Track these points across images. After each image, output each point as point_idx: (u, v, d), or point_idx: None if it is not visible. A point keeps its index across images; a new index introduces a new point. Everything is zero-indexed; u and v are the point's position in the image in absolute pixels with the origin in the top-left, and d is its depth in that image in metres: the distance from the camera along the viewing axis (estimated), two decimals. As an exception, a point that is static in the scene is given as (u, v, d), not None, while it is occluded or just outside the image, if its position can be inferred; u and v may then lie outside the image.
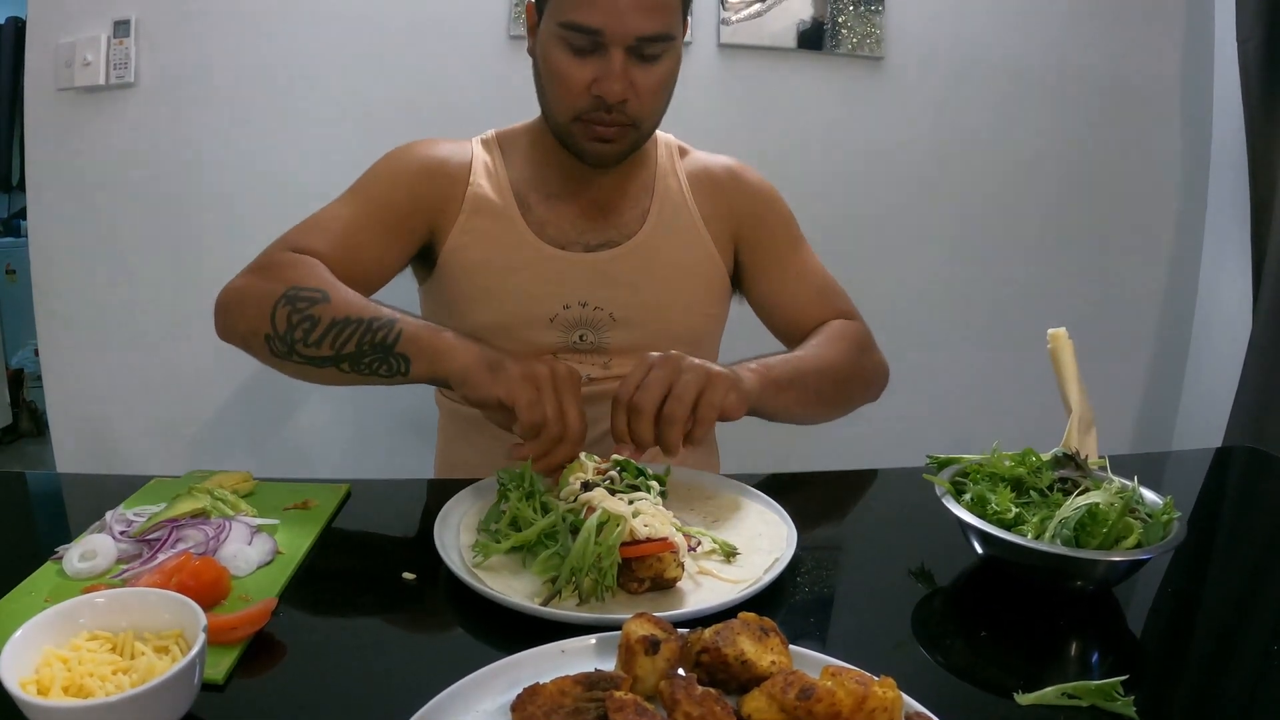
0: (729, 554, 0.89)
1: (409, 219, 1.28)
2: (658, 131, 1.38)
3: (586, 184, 1.31)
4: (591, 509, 0.83)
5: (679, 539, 0.82)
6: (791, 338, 1.38)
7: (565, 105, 1.19)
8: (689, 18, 1.25)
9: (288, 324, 1.09)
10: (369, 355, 1.06)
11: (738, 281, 1.41)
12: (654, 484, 0.92)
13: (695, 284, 1.35)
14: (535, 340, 1.28)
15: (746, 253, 1.38)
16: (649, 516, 0.83)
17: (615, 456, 0.96)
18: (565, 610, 0.78)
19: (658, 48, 1.15)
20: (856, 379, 1.31)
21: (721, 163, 1.41)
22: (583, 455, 0.96)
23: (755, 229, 1.38)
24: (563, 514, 0.86)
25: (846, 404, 1.30)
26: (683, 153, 1.41)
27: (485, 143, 1.36)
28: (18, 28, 4.09)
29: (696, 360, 1.03)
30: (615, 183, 1.32)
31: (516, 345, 1.25)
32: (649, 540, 0.80)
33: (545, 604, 0.78)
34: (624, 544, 0.80)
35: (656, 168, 1.36)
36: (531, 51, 1.24)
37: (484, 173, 1.31)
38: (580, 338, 1.29)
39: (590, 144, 1.21)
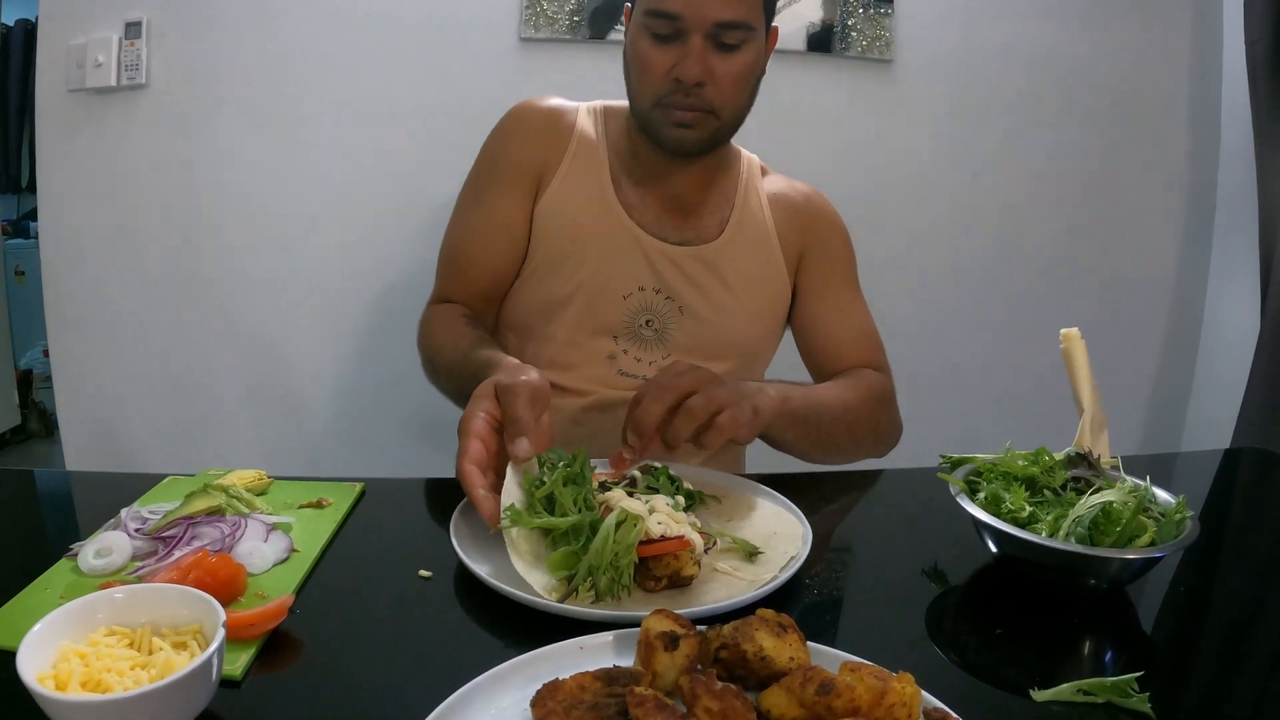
0: (750, 553, 0.89)
1: (530, 174, 1.34)
2: (742, 150, 1.44)
3: (670, 177, 1.34)
4: (609, 509, 0.84)
5: (695, 538, 0.83)
6: (821, 370, 1.39)
7: (647, 91, 1.24)
8: (774, 25, 1.29)
9: (431, 380, 1.32)
10: None
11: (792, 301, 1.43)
12: (679, 498, 0.91)
13: (763, 296, 1.38)
14: (605, 316, 1.32)
15: (804, 275, 1.41)
16: (665, 515, 0.83)
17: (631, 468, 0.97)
18: (583, 607, 0.78)
19: (736, 36, 1.19)
20: (869, 431, 1.30)
21: (802, 189, 1.45)
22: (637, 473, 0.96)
23: (818, 255, 1.41)
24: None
25: (854, 452, 1.29)
26: (764, 171, 1.45)
27: (592, 111, 1.40)
28: (27, 30, 4.11)
29: (722, 377, 1.03)
30: (697, 183, 1.36)
31: (586, 314, 1.31)
32: (665, 539, 0.81)
33: (561, 600, 0.79)
34: (641, 543, 0.80)
35: (739, 181, 1.40)
36: (626, 50, 1.29)
37: (586, 137, 1.36)
38: (646, 323, 1.32)
39: (670, 129, 1.24)
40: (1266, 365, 2.09)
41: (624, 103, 1.36)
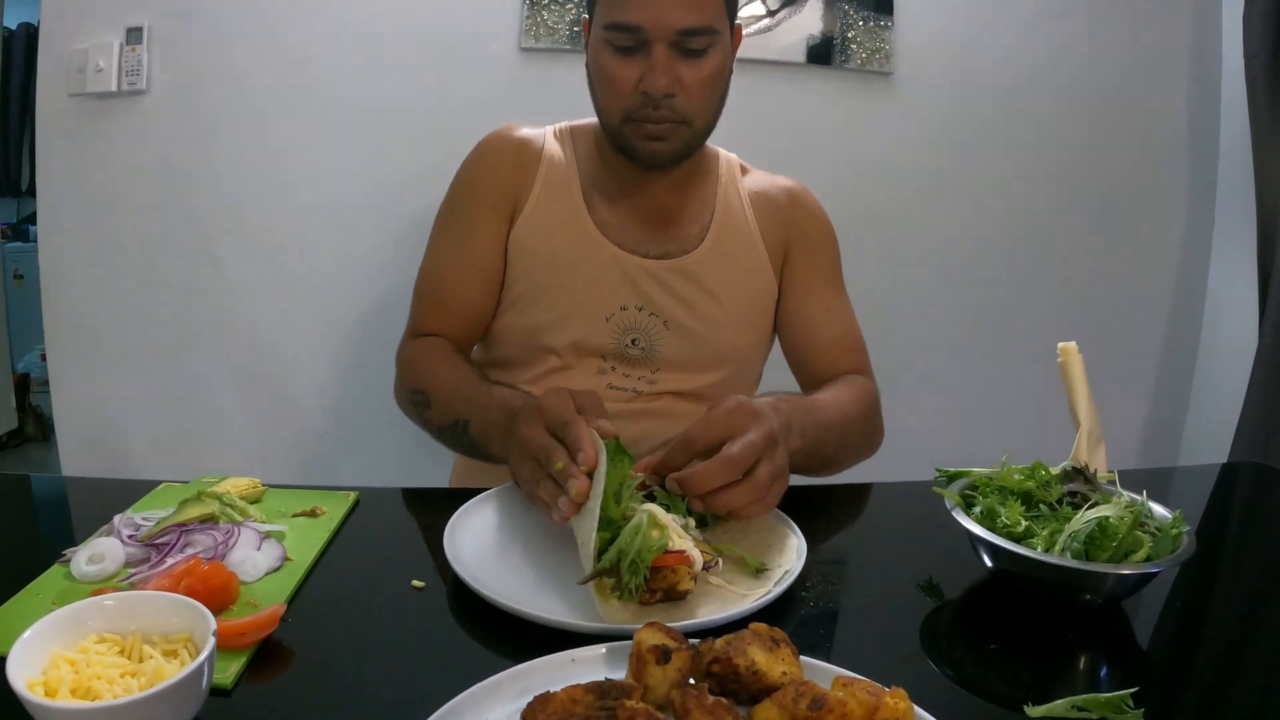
0: (758, 569, 0.89)
1: (503, 203, 1.32)
2: (720, 150, 1.41)
3: (645, 190, 1.32)
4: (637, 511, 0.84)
5: (696, 554, 0.82)
6: (806, 372, 1.38)
7: (615, 106, 1.21)
8: (737, 23, 1.27)
9: (418, 420, 1.27)
10: (471, 453, 1.18)
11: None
12: (690, 519, 0.90)
13: (749, 303, 1.35)
14: (590, 340, 1.29)
15: (789, 272, 1.38)
16: (673, 531, 0.83)
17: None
18: (574, 619, 0.77)
19: (701, 41, 1.16)
20: (865, 442, 1.29)
21: (783, 185, 1.42)
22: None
23: (802, 253, 1.38)
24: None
25: (839, 466, 1.25)
26: (744, 171, 1.42)
27: (558, 133, 1.38)
28: (29, 34, 4.12)
29: (780, 445, 0.94)
30: (675, 192, 1.33)
31: (572, 340, 1.29)
32: (667, 552, 0.80)
33: (583, 583, 0.79)
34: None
35: (718, 184, 1.37)
36: (588, 65, 1.27)
37: (555, 161, 1.33)
38: (633, 341, 1.30)
39: (643, 143, 1.22)
40: (1264, 379, 2.10)
41: (591, 120, 1.34)
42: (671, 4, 1.13)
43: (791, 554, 0.90)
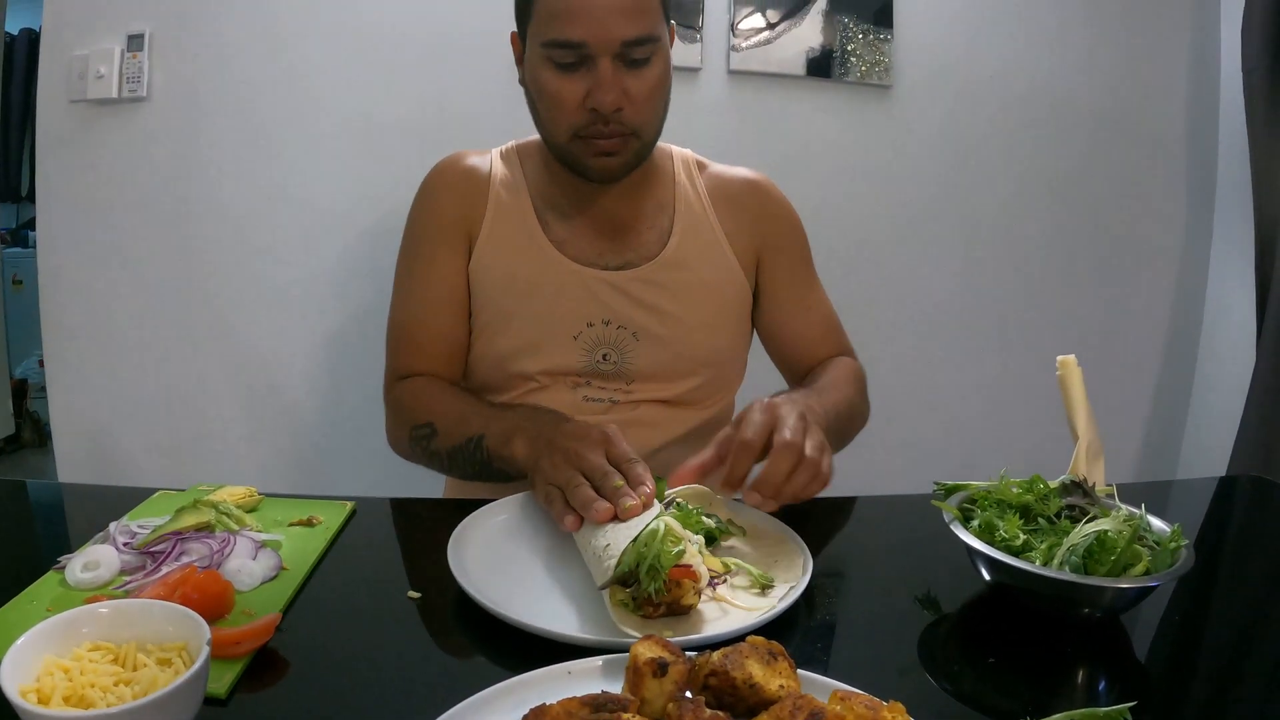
0: (764, 586, 0.88)
1: (458, 234, 1.31)
2: (674, 148, 1.38)
3: (598, 202, 1.30)
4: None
5: (703, 570, 0.82)
6: (794, 369, 1.38)
7: (562, 125, 1.18)
8: (671, 22, 1.24)
9: (423, 456, 1.23)
10: (483, 471, 1.14)
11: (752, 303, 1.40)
12: (700, 537, 0.91)
13: (719, 303, 1.33)
14: (560, 361, 1.27)
15: (765, 275, 1.37)
16: (688, 541, 0.83)
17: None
18: (573, 631, 0.77)
19: (644, 50, 1.14)
20: (854, 426, 1.30)
21: (743, 177, 1.39)
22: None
23: (776, 253, 1.37)
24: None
25: (847, 442, 1.27)
26: (701, 167, 1.39)
27: (504, 155, 1.36)
28: (31, 39, 4.13)
29: (814, 422, 1.00)
30: (630, 201, 1.31)
31: (543, 366, 1.27)
32: (676, 566, 0.80)
33: (602, 588, 0.80)
34: None
35: (675, 185, 1.35)
36: (522, 81, 1.25)
37: (504, 184, 1.31)
38: (603, 357, 1.28)
39: (593, 160, 1.20)
40: (1262, 392, 2.10)
41: (534, 139, 1.32)
42: (613, 16, 1.11)
43: (797, 570, 0.90)
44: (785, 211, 1.40)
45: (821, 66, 2.11)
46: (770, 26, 2.09)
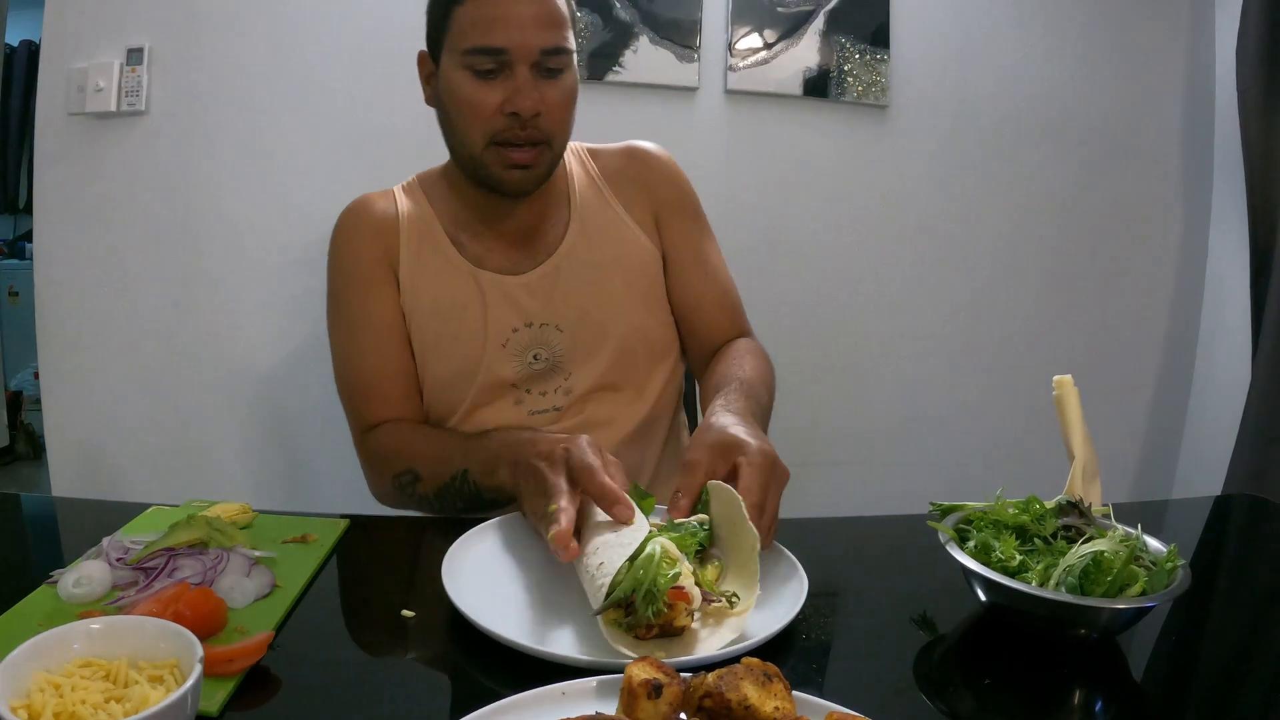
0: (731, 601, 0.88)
1: (384, 271, 1.32)
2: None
3: (509, 216, 1.32)
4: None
5: (695, 592, 0.82)
6: (695, 339, 1.40)
7: (478, 132, 1.21)
8: (580, 40, 1.29)
9: (411, 502, 1.23)
10: (474, 503, 1.14)
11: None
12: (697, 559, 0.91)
13: (627, 274, 1.36)
14: (496, 371, 1.29)
15: (665, 235, 1.40)
16: (683, 564, 0.83)
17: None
18: (567, 651, 0.77)
19: (559, 60, 1.20)
20: (772, 404, 1.31)
21: (623, 148, 1.44)
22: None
23: (670, 211, 1.40)
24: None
25: None
26: (593, 154, 1.43)
27: (407, 188, 1.38)
28: (31, 51, 4.14)
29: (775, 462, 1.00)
30: (533, 206, 1.33)
31: (481, 381, 1.29)
32: (670, 588, 0.80)
33: (597, 614, 0.79)
34: None
35: (569, 177, 1.38)
36: (430, 100, 1.28)
37: (412, 216, 1.34)
38: (535, 357, 1.31)
39: (506, 172, 1.22)
40: (1258, 411, 2.10)
41: (436, 166, 1.36)
42: (533, 25, 1.16)
43: (793, 593, 0.90)
44: (669, 170, 1.43)
45: (818, 86, 2.13)
46: (767, 46, 2.10)
